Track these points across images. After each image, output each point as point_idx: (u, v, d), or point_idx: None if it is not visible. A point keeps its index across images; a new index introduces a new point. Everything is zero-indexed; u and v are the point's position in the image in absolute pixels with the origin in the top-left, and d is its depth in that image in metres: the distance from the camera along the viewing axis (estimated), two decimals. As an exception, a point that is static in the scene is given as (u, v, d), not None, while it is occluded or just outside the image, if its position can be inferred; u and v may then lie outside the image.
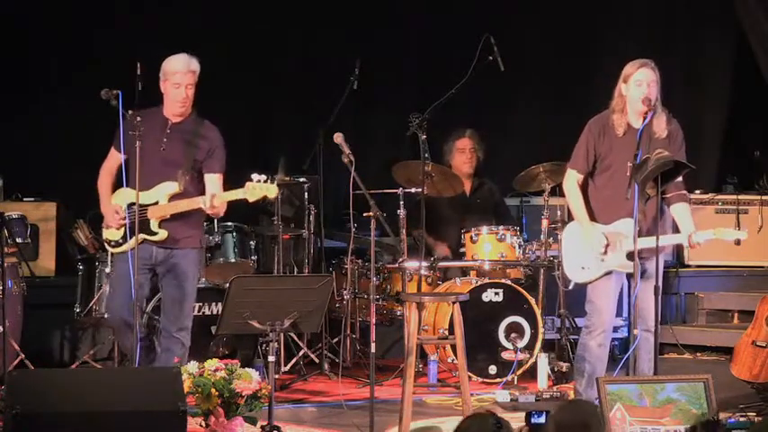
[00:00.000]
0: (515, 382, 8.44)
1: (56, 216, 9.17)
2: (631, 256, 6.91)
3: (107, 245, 7.38)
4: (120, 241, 7.25)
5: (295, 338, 8.85)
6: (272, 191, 7.08)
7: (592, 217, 7.20)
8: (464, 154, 9.44)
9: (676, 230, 7.36)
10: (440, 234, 9.30)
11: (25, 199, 9.18)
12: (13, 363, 7.91)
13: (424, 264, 8.60)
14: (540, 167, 8.99)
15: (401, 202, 8.73)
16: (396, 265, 8.88)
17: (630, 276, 7.02)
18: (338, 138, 7.18)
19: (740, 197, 10.52)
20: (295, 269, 9.10)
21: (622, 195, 7.03)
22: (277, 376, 7.90)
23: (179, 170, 7.20)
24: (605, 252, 7.10)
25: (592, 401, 6.54)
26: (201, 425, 6.59)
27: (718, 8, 11.14)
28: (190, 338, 7.31)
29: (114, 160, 7.28)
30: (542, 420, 5.67)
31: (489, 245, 8.92)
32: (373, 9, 10.38)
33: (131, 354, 7.02)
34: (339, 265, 9.19)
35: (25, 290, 8.18)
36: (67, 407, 5.84)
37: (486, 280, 8.72)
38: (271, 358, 6.59)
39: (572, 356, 8.34)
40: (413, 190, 8.70)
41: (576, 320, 8.80)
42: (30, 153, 9.49)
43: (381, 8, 10.43)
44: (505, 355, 8.55)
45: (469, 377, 7.42)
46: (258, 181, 7.03)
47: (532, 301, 8.67)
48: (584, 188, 7.27)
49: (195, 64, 7.25)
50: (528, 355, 8.54)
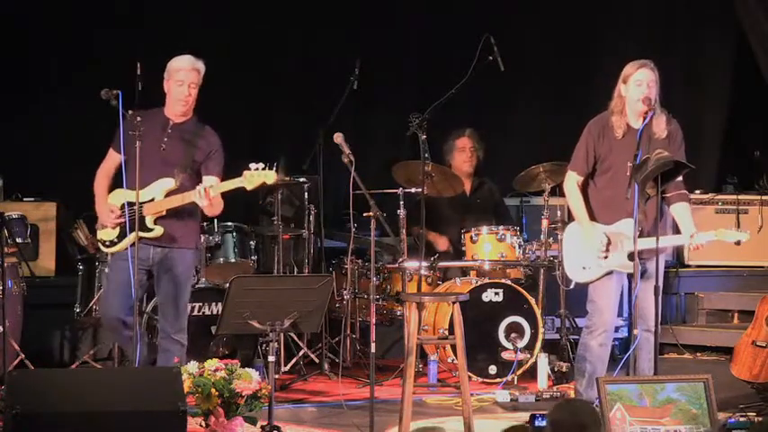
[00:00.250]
0: (515, 382, 8.43)
1: (56, 216, 9.17)
2: (632, 257, 6.91)
3: (101, 245, 7.35)
4: (114, 240, 7.23)
5: (295, 338, 8.85)
6: (271, 177, 7.01)
7: (592, 217, 7.20)
8: (464, 153, 9.44)
9: (676, 230, 7.36)
10: (440, 233, 9.31)
11: (25, 199, 9.18)
12: (13, 363, 7.91)
13: (424, 264, 8.60)
14: (540, 167, 8.99)
15: (401, 202, 8.73)
16: (396, 265, 8.88)
17: (631, 276, 7.02)
18: (338, 138, 7.18)
19: (740, 197, 10.51)
20: (295, 269, 9.09)
21: (623, 196, 7.02)
22: (277, 376, 7.90)
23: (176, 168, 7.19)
24: (607, 252, 7.09)
25: (590, 401, 6.54)
26: (201, 425, 6.59)
27: (718, 8, 11.14)
28: (187, 338, 7.30)
29: (112, 161, 7.26)
30: (545, 423, 5.66)
31: (489, 245, 8.92)
32: (373, 9, 10.38)
33: (130, 352, 7.01)
34: (339, 265, 9.19)
35: (25, 290, 8.18)
36: (67, 407, 5.83)
37: (486, 280, 8.72)
38: (271, 358, 6.59)
39: (572, 356, 8.34)
40: (413, 190, 8.70)
41: (577, 320, 8.81)
42: (30, 153, 9.49)
43: (381, 8, 10.42)
44: (505, 355, 8.54)
45: (469, 377, 7.40)
46: (256, 169, 7.01)
47: (532, 301, 8.67)
48: (584, 189, 7.26)
49: (200, 64, 7.24)
50: (528, 355, 8.54)
